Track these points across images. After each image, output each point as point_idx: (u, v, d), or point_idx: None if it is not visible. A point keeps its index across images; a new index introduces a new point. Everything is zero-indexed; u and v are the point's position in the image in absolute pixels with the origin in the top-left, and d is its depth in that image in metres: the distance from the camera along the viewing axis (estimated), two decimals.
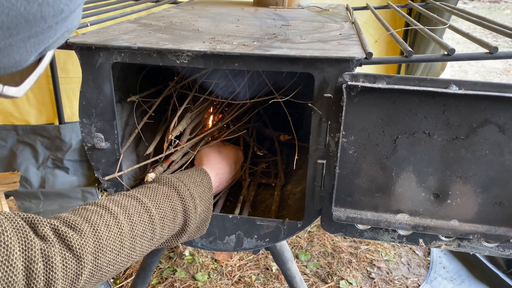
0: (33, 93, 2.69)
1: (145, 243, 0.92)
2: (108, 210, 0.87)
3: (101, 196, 2.68)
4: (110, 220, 0.85)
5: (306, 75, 1.09)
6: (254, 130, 1.79)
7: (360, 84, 0.96)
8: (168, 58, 1.07)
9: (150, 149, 1.37)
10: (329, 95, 1.03)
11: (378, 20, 1.50)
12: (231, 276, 2.12)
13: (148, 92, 1.43)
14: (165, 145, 1.34)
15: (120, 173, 1.25)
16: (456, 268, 2.24)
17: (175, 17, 1.57)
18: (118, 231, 0.85)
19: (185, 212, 1.03)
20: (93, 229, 0.81)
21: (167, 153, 1.34)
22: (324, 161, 1.10)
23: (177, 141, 1.37)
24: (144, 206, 0.94)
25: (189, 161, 1.42)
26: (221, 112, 1.63)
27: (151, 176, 1.29)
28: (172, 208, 1.01)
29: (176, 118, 1.36)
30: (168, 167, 1.38)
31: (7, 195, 2.54)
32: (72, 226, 0.79)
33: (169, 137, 1.32)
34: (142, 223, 0.92)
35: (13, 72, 0.44)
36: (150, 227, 0.93)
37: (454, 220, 1.05)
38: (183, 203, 1.03)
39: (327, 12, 1.80)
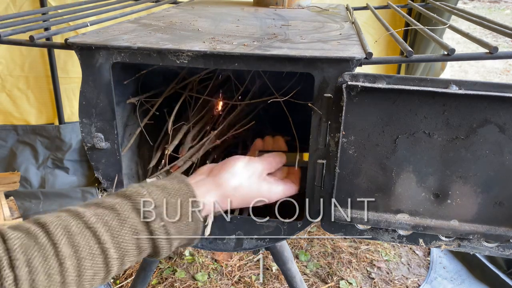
0: (33, 93, 2.69)
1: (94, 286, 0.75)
2: (57, 251, 0.71)
3: (101, 196, 2.68)
4: (54, 267, 0.70)
5: (305, 76, 1.09)
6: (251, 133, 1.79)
7: (360, 84, 0.96)
8: (168, 58, 1.07)
9: (153, 162, 1.38)
10: (329, 95, 1.03)
11: (378, 20, 1.50)
12: (231, 276, 2.12)
13: (148, 94, 1.43)
14: (164, 160, 1.34)
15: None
16: (456, 268, 2.24)
17: (175, 17, 1.57)
18: (61, 280, 0.71)
19: (154, 249, 0.81)
20: (31, 278, 0.67)
21: (164, 169, 1.34)
22: (324, 161, 1.10)
23: (177, 155, 1.38)
24: (101, 247, 0.74)
25: (195, 165, 1.41)
26: (223, 116, 1.63)
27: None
28: (138, 246, 0.79)
29: (170, 127, 1.36)
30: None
31: (7, 195, 2.54)
32: (12, 264, 0.66)
33: (166, 153, 1.33)
34: (93, 266, 0.74)
35: None
36: (104, 269, 0.75)
37: (454, 220, 1.05)
38: (153, 243, 0.81)
39: (327, 12, 1.80)
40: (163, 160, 1.36)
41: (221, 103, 1.62)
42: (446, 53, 0.99)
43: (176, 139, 1.40)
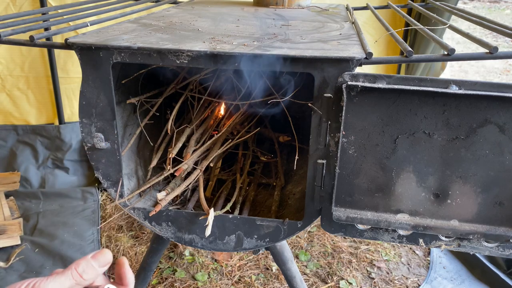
0: (33, 93, 2.68)
1: None
2: None
3: (101, 196, 2.68)
4: None
5: (305, 76, 1.09)
6: (255, 135, 1.79)
7: (360, 84, 0.96)
8: (168, 58, 1.07)
9: (154, 163, 1.38)
10: (329, 95, 1.03)
11: (378, 20, 1.50)
12: (231, 276, 2.12)
13: (148, 94, 1.43)
14: (167, 164, 1.34)
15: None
16: (456, 268, 2.24)
17: (175, 17, 1.57)
18: None
19: None
20: None
21: (165, 174, 1.35)
22: (324, 161, 1.10)
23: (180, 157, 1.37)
24: None
25: (201, 171, 1.41)
26: (225, 117, 1.63)
27: (160, 195, 1.31)
28: None
29: (170, 127, 1.36)
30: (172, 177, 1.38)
31: (7, 195, 2.54)
32: None
33: (170, 156, 1.33)
34: None
35: None
36: None
37: (454, 220, 1.05)
38: None
39: (327, 12, 1.80)
40: (166, 163, 1.36)
41: (222, 104, 1.62)
42: (446, 53, 0.99)
43: (180, 142, 1.40)
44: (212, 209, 1.25)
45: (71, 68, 2.66)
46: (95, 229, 2.34)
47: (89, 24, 1.35)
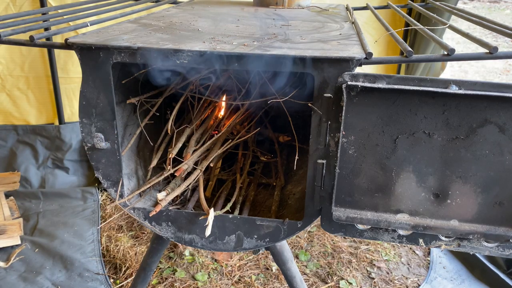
0: (33, 93, 2.69)
1: None
2: None
3: (101, 196, 2.68)
4: None
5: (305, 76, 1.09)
6: (255, 135, 1.79)
7: (360, 84, 0.96)
8: (168, 58, 1.07)
9: (154, 163, 1.38)
10: (329, 95, 1.03)
11: (378, 20, 1.50)
12: (231, 276, 2.12)
13: (148, 94, 1.43)
14: (167, 164, 1.34)
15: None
16: (456, 268, 2.24)
17: (175, 17, 1.57)
18: None
19: None
20: None
21: (165, 174, 1.35)
22: (324, 161, 1.10)
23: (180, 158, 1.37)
24: None
25: (201, 172, 1.41)
26: (225, 117, 1.63)
27: (160, 195, 1.31)
28: None
29: (170, 127, 1.36)
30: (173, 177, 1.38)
31: (7, 195, 2.54)
32: None
33: (170, 156, 1.33)
34: None
35: None
36: None
37: (454, 220, 1.05)
38: None
39: (327, 12, 1.80)
40: (166, 163, 1.36)
41: (222, 104, 1.62)
42: (446, 53, 0.99)
43: (180, 142, 1.40)
44: (212, 209, 1.25)
45: (71, 68, 2.66)
46: (95, 229, 2.34)
47: (89, 24, 1.35)
